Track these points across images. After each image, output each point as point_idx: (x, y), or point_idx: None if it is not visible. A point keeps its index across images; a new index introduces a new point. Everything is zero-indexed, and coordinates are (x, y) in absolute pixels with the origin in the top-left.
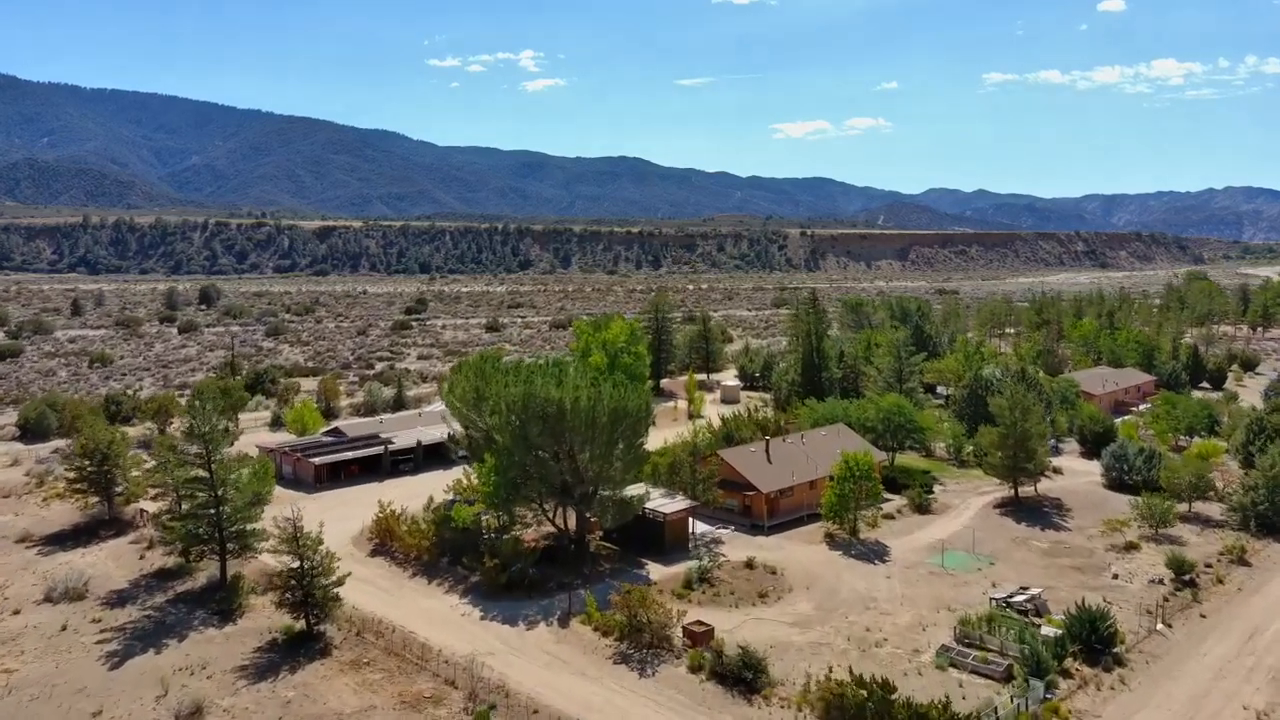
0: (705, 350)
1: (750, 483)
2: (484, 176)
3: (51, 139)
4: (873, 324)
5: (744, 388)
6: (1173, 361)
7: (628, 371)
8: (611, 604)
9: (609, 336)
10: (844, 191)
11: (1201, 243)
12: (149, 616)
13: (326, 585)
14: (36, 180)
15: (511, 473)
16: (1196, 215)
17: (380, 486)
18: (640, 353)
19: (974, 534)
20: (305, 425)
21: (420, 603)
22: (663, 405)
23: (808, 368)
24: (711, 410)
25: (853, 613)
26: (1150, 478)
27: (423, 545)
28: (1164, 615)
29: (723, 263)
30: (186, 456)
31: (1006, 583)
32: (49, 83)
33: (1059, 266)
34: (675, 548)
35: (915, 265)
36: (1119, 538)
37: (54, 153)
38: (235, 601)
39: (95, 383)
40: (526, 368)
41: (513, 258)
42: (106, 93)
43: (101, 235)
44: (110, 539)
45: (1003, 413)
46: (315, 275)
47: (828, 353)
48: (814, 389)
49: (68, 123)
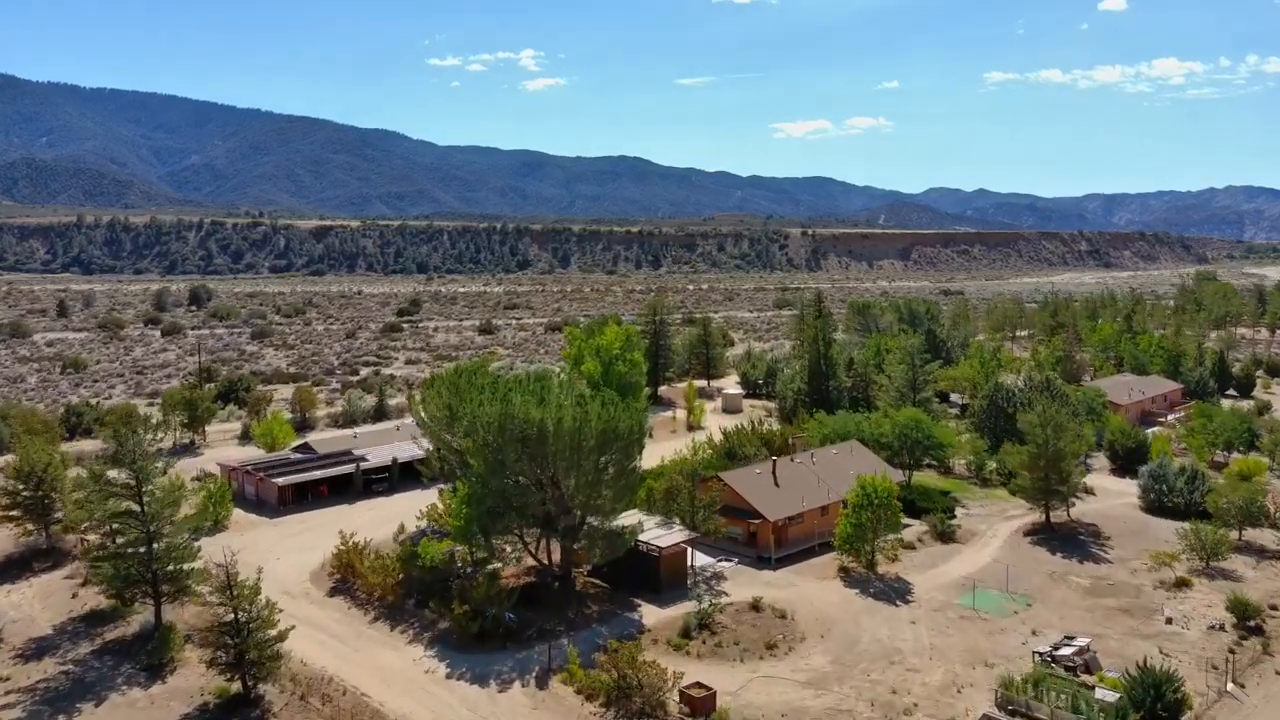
0: (706, 356)
1: (755, 509)
2: (484, 176)
3: (50, 138)
4: (880, 327)
5: (746, 395)
6: (1199, 368)
7: (623, 381)
8: (597, 662)
9: (603, 343)
10: (844, 191)
11: (1205, 242)
12: (67, 673)
13: (265, 641)
14: (34, 180)
15: (487, 502)
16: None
17: (350, 510)
18: (636, 360)
19: (1006, 569)
20: (274, 440)
21: (379, 656)
22: (661, 415)
23: (814, 376)
24: (712, 421)
25: (875, 668)
26: (1194, 501)
27: (387, 584)
28: (1234, 672)
29: (723, 262)
30: (113, 488)
31: (1048, 630)
32: (48, 82)
33: (1062, 266)
34: (672, 585)
35: (917, 265)
36: (1167, 573)
37: (52, 152)
38: (166, 654)
39: (64, 390)
40: (505, 383)
41: (511, 258)
42: (106, 92)
43: (96, 235)
44: (44, 572)
45: (1033, 430)
46: (312, 275)
47: (835, 360)
48: (821, 399)
49: (66, 122)
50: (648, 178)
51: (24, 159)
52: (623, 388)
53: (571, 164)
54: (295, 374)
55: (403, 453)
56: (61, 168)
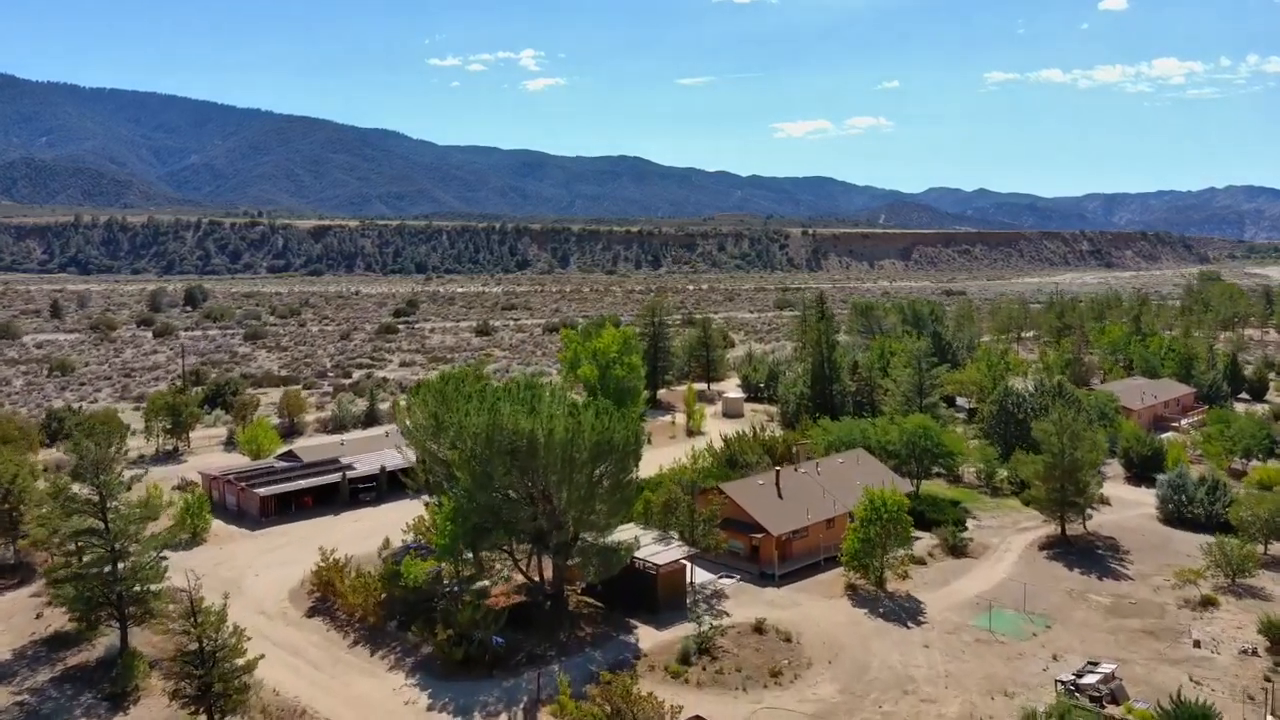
0: (706, 358)
1: (758, 523)
2: (484, 176)
3: (50, 138)
4: (884, 329)
5: (748, 399)
6: (1211, 371)
7: (620, 385)
8: (589, 695)
9: (600, 346)
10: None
11: (1206, 242)
12: (22, 704)
13: (232, 672)
14: (33, 179)
15: (473, 519)
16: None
17: (335, 521)
18: (634, 363)
19: (1023, 586)
20: (259, 447)
21: (356, 684)
22: (659, 420)
23: (817, 379)
24: (713, 425)
25: (887, 699)
26: (1215, 512)
27: (369, 605)
28: (1273, 703)
29: (723, 262)
30: (75, 504)
31: (1070, 654)
32: (48, 82)
33: (1064, 266)
34: (671, 604)
35: (918, 265)
36: (1192, 590)
37: (52, 152)
38: (129, 683)
39: (50, 393)
40: (493, 392)
41: (510, 257)
42: (106, 92)
43: (93, 235)
44: (10, 590)
45: (1048, 439)
46: (310, 275)
47: (839, 363)
48: (825, 404)
49: (66, 122)
50: (648, 177)
51: (23, 159)
52: (620, 393)
53: (571, 164)
54: (286, 377)
55: (391, 461)
56: (60, 167)
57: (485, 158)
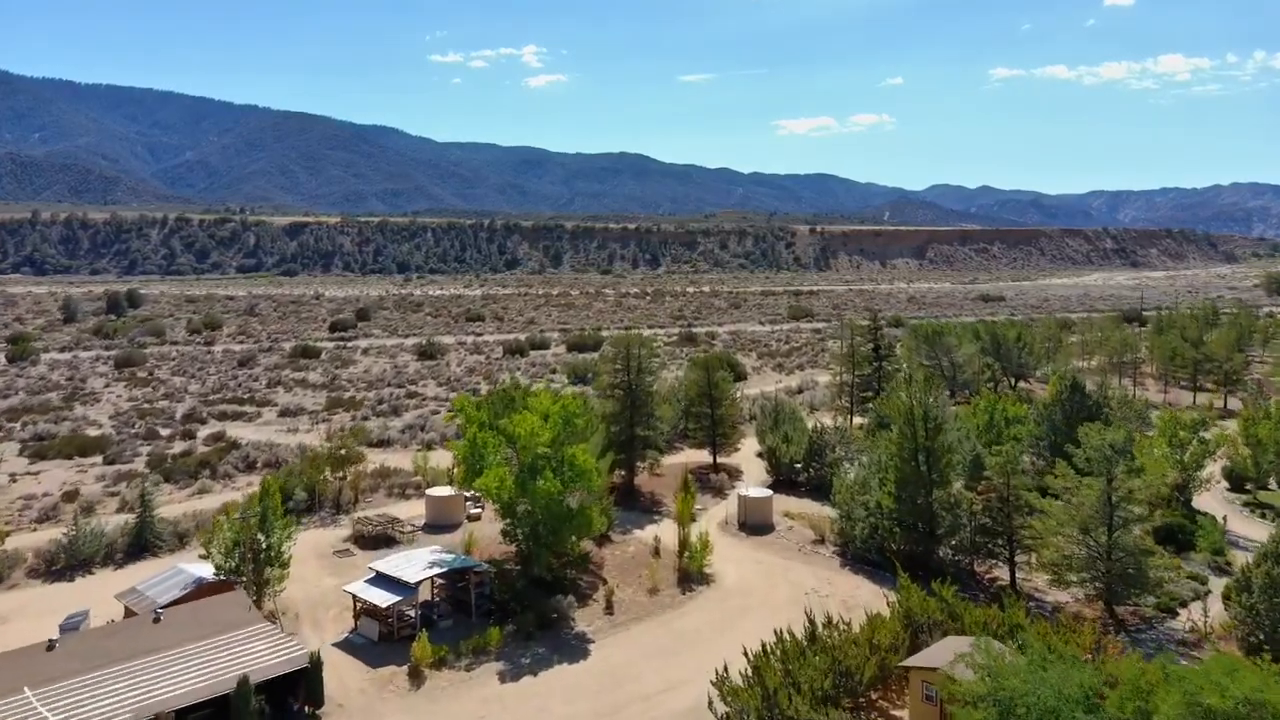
0: (711, 417)
1: None
2: (482, 172)
3: (44, 134)
4: (956, 361)
5: (774, 482)
6: None
7: (553, 506)
8: None
9: (521, 431)
10: (847, 188)
11: (1228, 240)
12: None
13: None
14: (18, 176)
15: None
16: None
17: None
18: (581, 463)
19: None
20: None
21: None
22: (631, 535)
23: (908, 484)
24: (726, 552)
25: None
26: None
27: None
28: None
29: (726, 261)
30: None
31: None
32: (43, 78)
33: (1089, 265)
34: None
35: (934, 264)
36: None
37: (44, 148)
38: None
39: None
40: None
41: (499, 256)
42: (101, 88)
43: (50, 233)
44: None
45: None
46: (282, 275)
47: (942, 454)
48: (921, 533)
49: (60, 118)
50: (649, 174)
51: (8, 154)
52: (555, 519)
53: (572, 160)
54: (97, 440)
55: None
56: (47, 164)
57: (484, 154)
